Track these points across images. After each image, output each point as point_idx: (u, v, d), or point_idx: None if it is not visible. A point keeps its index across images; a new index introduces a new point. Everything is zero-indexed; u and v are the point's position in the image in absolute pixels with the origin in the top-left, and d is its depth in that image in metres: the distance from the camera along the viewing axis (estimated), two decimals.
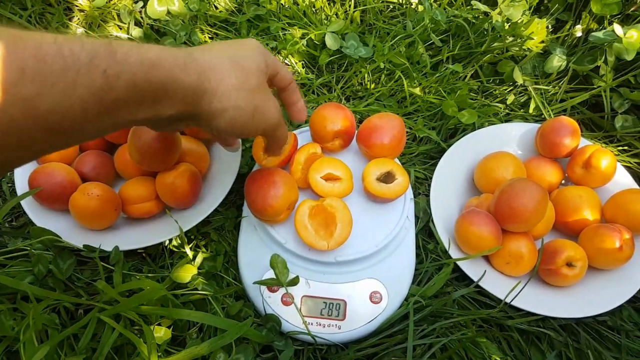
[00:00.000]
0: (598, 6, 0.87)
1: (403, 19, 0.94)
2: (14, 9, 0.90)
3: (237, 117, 0.42)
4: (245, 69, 0.42)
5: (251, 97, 0.42)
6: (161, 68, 0.34)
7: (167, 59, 0.35)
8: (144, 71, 0.33)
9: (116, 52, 0.31)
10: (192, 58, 0.38)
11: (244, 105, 0.41)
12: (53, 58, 0.28)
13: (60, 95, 0.28)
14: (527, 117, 0.84)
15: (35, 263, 0.57)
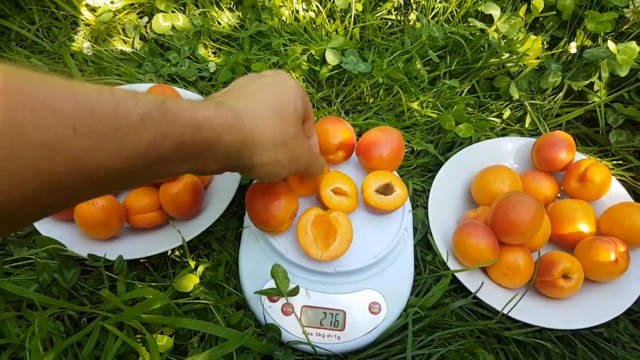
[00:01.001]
0: (592, 24, 0.89)
1: (401, 35, 0.96)
2: (22, 23, 0.92)
3: (275, 169, 0.44)
4: (286, 120, 0.43)
5: (289, 148, 0.44)
6: (208, 130, 0.35)
7: (215, 120, 0.36)
8: (191, 132, 0.34)
9: (167, 113, 0.32)
10: (239, 117, 0.39)
11: (282, 159, 0.43)
12: (108, 117, 0.28)
13: (109, 153, 0.28)
14: (523, 131, 0.86)
15: (40, 272, 0.58)
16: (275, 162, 0.43)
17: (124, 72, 0.87)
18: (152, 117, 0.31)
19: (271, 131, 0.41)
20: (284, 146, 0.43)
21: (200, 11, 0.96)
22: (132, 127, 0.29)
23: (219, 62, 0.90)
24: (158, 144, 0.31)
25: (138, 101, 0.30)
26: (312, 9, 0.96)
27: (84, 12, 0.95)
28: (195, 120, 0.34)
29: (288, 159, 0.44)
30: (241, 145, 0.39)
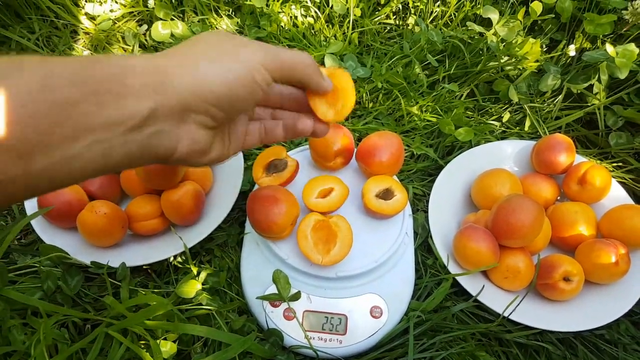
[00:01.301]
0: (591, 26, 0.89)
1: (400, 39, 0.96)
2: (23, 33, 0.93)
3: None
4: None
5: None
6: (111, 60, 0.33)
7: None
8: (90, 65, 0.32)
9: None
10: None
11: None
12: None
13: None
14: (522, 134, 0.86)
15: (45, 279, 0.58)
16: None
17: None
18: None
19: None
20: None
21: (199, 18, 0.96)
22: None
23: None
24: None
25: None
26: (311, 15, 0.97)
27: (83, 21, 0.95)
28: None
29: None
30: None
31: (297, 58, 0.38)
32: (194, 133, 0.36)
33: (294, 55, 0.39)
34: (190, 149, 0.36)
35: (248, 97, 0.36)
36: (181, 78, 0.33)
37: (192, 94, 0.33)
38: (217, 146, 0.40)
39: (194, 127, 0.35)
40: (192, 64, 0.34)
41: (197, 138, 0.36)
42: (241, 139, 0.44)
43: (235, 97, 0.35)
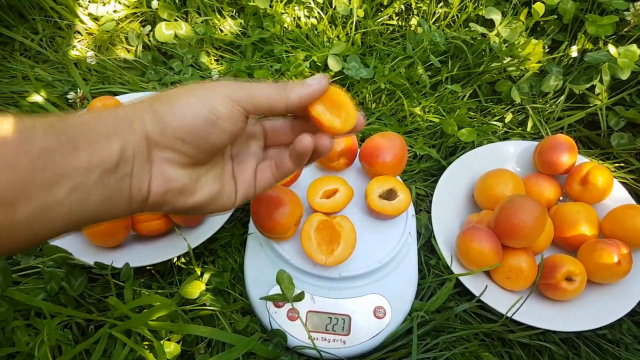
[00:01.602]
0: (593, 27, 0.89)
1: (403, 40, 0.96)
2: (26, 33, 0.93)
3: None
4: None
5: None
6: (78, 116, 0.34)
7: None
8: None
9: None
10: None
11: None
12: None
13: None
14: (525, 135, 0.87)
15: (48, 280, 0.58)
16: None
17: (128, 81, 0.88)
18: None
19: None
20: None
21: (202, 19, 0.96)
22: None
23: (222, 69, 0.91)
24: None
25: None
26: (314, 16, 0.97)
27: (87, 22, 0.96)
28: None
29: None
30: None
31: (265, 90, 0.37)
32: (165, 171, 0.35)
33: (266, 87, 0.37)
34: (166, 188, 0.36)
35: (214, 130, 0.35)
36: (147, 118, 0.34)
37: (155, 130, 0.34)
38: (207, 186, 0.39)
39: (164, 165, 0.35)
40: (157, 104, 0.35)
41: (170, 176, 0.36)
42: (251, 180, 0.43)
43: (196, 130, 0.35)
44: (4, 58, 0.90)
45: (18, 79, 0.84)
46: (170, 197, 0.37)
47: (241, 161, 0.43)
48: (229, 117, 0.35)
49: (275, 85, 0.37)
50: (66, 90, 0.84)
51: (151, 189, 0.35)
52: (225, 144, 0.37)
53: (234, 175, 0.42)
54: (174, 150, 0.35)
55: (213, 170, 0.40)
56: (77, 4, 0.96)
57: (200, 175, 0.38)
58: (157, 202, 0.36)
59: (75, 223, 0.32)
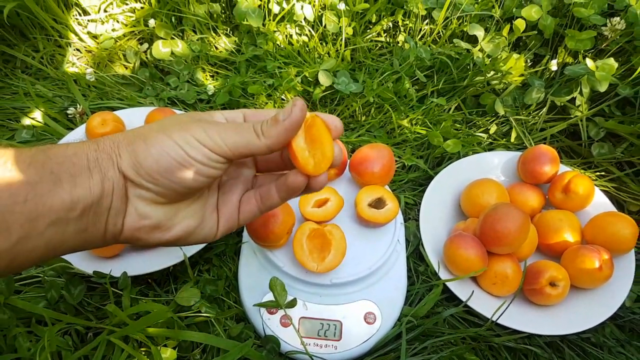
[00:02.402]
0: (572, 42, 0.93)
1: (390, 56, 1.00)
2: (27, 51, 0.96)
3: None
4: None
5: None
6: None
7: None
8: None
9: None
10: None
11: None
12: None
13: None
14: (509, 145, 0.90)
15: (48, 289, 0.60)
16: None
17: (126, 96, 0.91)
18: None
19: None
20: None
21: (198, 37, 1.00)
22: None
23: (217, 85, 0.94)
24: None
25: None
26: (305, 34, 1.00)
27: (86, 40, 0.99)
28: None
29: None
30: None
31: (245, 137, 0.35)
32: (139, 208, 0.35)
33: (245, 133, 0.35)
34: (139, 225, 0.35)
35: (190, 175, 0.34)
36: (124, 154, 0.34)
37: (130, 169, 0.33)
38: (186, 221, 0.37)
39: (139, 202, 0.35)
40: (135, 142, 0.34)
41: (144, 213, 0.35)
42: (234, 212, 0.40)
43: (170, 174, 0.34)
44: (6, 75, 0.93)
45: (20, 95, 0.87)
46: (142, 233, 0.36)
47: (227, 191, 0.41)
48: (205, 163, 0.34)
49: (251, 128, 0.35)
50: (66, 105, 0.86)
51: (125, 225, 0.35)
52: (202, 186, 0.36)
53: (218, 206, 0.40)
54: (148, 189, 0.34)
55: (194, 204, 0.38)
56: (76, 23, 0.99)
57: (179, 210, 0.37)
58: (130, 237, 0.36)
59: (52, 254, 0.32)
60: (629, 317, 0.69)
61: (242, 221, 0.41)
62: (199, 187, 0.36)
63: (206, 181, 0.35)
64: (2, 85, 0.91)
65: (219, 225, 0.40)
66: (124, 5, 1.02)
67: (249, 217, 0.41)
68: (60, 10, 0.96)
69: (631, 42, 0.92)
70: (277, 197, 0.40)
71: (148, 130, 0.35)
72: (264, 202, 0.40)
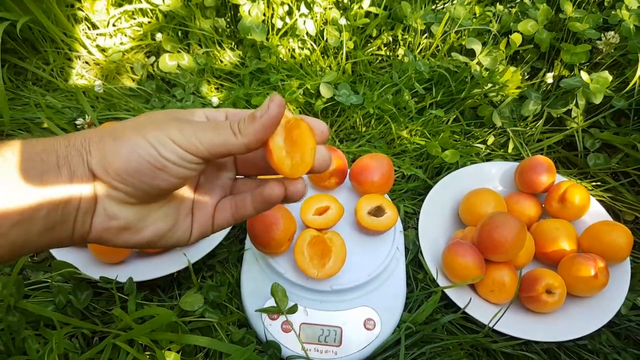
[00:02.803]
0: (567, 55, 0.95)
1: (390, 69, 1.02)
2: (38, 64, 0.99)
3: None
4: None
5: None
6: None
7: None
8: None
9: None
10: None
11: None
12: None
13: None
14: (506, 156, 0.91)
15: (56, 294, 0.62)
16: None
17: (133, 108, 0.93)
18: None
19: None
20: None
21: (203, 51, 1.02)
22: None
23: (222, 97, 0.96)
24: None
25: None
26: (307, 47, 1.03)
27: (95, 53, 1.01)
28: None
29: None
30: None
31: (221, 135, 0.33)
32: (108, 208, 0.33)
33: (222, 131, 0.34)
34: (107, 225, 0.34)
35: (161, 175, 0.33)
36: (94, 151, 0.32)
37: (98, 167, 0.32)
38: (158, 223, 0.36)
39: (108, 202, 0.33)
40: (105, 139, 0.33)
41: (113, 213, 0.34)
42: (209, 218, 0.39)
43: (140, 174, 0.32)
44: (17, 87, 0.96)
45: (30, 106, 0.89)
46: (110, 234, 0.34)
47: (204, 194, 0.39)
48: (178, 163, 0.33)
49: (228, 126, 0.34)
50: (75, 116, 0.89)
51: (93, 225, 0.34)
52: (175, 187, 0.35)
53: (193, 210, 0.39)
54: (117, 189, 0.33)
55: (167, 205, 0.37)
56: (86, 37, 1.02)
57: (150, 212, 0.36)
58: (98, 238, 0.34)
59: (18, 254, 0.31)
60: (624, 325, 0.70)
61: (217, 228, 0.40)
62: (172, 188, 0.34)
63: (179, 182, 0.34)
64: (14, 96, 0.93)
65: (192, 230, 0.38)
66: (132, 19, 1.05)
67: (222, 225, 0.40)
68: (70, 24, 0.99)
69: (625, 55, 0.95)
70: (251, 208, 0.38)
71: (121, 128, 0.33)
72: (238, 212, 0.39)
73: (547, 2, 1.03)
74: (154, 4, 1.00)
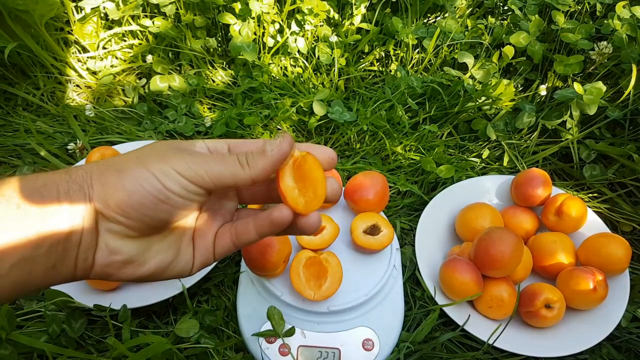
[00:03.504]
0: (561, 66, 0.95)
1: (383, 85, 1.02)
2: (28, 89, 0.99)
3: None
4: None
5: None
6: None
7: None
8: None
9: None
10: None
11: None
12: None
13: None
14: (502, 169, 0.91)
15: (50, 323, 0.61)
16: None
17: (125, 130, 0.93)
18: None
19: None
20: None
21: (195, 71, 1.02)
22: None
23: (214, 117, 0.96)
24: None
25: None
26: (299, 65, 1.03)
27: (86, 76, 1.01)
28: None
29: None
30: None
31: (229, 168, 0.33)
32: (110, 242, 0.33)
33: (230, 164, 0.34)
34: (110, 260, 0.33)
35: (164, 207, 0.33)
36: (95, 185, 0.32)
37: (100, 201, 0.32)
38: (160, 255, 0.36)
39: (109, 236, 0.33)
40: (107, 173, 0.33)
41: (115, 248, 0.33)
42: (210, 247, 0.38)
43: (142, 207, 0.32)
44: (7, 113, 0.95)
45: (20, 132, 0.89)
46: (113, 269, 0.34)
47: (205, 222, 0.39)
48: (182, 195, 0.33)
49: (235, 159, 0.34)
50: (66, 141, 0.88)
51: (95, 260, 0.33)
52: (177, 219, 0.35)
53: (194, 239, 0.38)
54: (119, 223, 0.32)
55: (169, 237, 0.36)
56: (76, 60, 1.02)
57: (152, 244, 0.35)
58: (100, 273, 0.34)
59: (20, 294, 0.31)
60: (625, 337, 0.70)
61: (218, 256, 0.39)
62: (174, 220, 0.34)
63: (181, 214, 0.34)
64: (4, 122, 0.93)
65: (194, 259, 0.38)
66: (122, 41, 1.05)
67: (223, 252, 0.39)
68: (59, 48, 0.99)
69: (618, 65, 0.95)
70: (253, 233, 0.37)
71: (124, 160, 0.33)
72: (238, 238, 0.38)
73: (539, 14, 1.03)
74: (143, 26, 1.01)
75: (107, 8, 1.00)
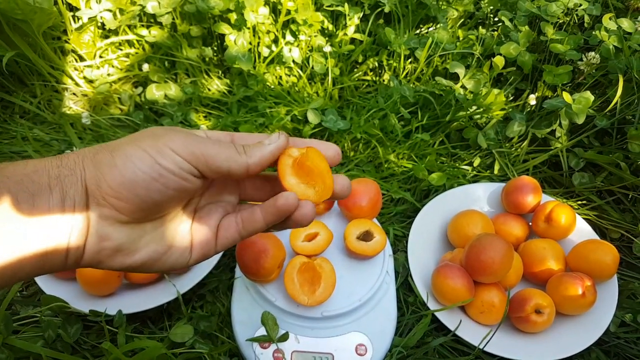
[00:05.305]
0: (550, 77, 0.97)
1: (376, 94, 1.04)
2: (25, 97, 1.00)
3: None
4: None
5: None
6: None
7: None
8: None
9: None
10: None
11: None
12: None
13: None
14: (493, 177, 0.93)
15: (46, 328, 0.61)
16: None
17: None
18: None
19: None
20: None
21: (191, 80, 1.04)
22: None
23: (210, 125, 0.97)
24: None
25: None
26: (294, 74, 1.05)
27: (82, 85, 1.02)
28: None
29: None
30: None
31: (225, 152, 0.33)
32: (100, 228, 0.32)
33: (225, 148, 0.34)
34: (100, 247, 0.33)
35: (156, 186, 0.32)
36: (87, 168, 0.32)
37: (92, 183, 0.31)
38: (152, 245, 0.35)
39: (100, 222, 0.32)
40: (100, 154, 0.32)
41: (105, 234, 0.33)
42: (211, 238, 0.38)
43: (135, 186, 0.31)
44: (4, 121, 0.96)
45: (17, 140, 0.90)
46: (103, 256, 0.33)
47: (204, 215, 0.38)
48: (176, 172, 0.32)
49: (233, 146, 0.34)
50: (63, 149, 0.89)
51: (86, 247, 0.32)
52: (170, 201, 0.34)
53: (192, 232, 0.37)
54: (111, 206, 0.32)
55: (162, 227, 0.36)
56: (73, 69, 1.03)
57: (144, 233, 0.35)
58: (91, 261, 0.33)
59: (8, 283, 0.30)
60: (613, 342, 0.71)
61: (220, 247, 0.38)
62: (166, 202, 0.34)
63: (175, 195, 0.33)
64: (1, 130, 0.94)
65: (192, 251, 0.37)
66: (119, 50, 1.06)
67: (228, 243, 0.38)
68: (57, 57, 1.00)
69: (606, 75, 0.97)
70: (261, 221, 0.36)
71: (117, 142, 0.33)
72: (245, 227, 0.37)
73: (529, 25, 1.05)
74: (140, 35, 1.02)
75: (104, 18, 1.01)
